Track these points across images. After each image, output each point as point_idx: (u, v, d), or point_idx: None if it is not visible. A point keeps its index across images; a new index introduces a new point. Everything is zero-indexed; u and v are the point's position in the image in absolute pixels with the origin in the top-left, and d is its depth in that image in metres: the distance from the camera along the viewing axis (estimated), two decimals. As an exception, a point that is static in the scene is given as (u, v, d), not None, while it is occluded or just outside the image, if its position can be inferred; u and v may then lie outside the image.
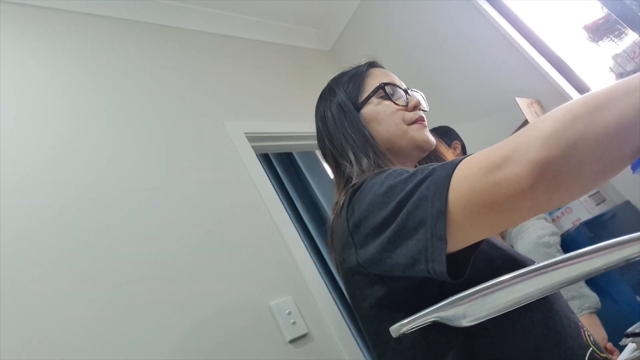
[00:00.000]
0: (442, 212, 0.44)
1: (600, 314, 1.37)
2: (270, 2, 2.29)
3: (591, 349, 0.57)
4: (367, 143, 0.72)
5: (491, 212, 0.42)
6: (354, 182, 0.66)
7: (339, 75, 0.84)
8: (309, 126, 1.02)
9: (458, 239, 0.46)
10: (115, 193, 1.31)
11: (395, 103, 0.75)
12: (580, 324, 0.61)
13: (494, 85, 2.11)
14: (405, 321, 0.36)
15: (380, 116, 0.74)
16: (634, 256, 0.29)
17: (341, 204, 0.64)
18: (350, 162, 0.71)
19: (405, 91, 0.78)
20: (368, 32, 2.58)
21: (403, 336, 0.57)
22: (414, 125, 0.74)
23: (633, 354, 0.66)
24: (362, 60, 0.83)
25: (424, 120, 0.76)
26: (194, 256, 1.32)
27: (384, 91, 0.76)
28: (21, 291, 1.02)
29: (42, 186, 1.20)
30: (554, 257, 1.34)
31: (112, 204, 1.28)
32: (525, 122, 1.75)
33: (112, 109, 1.50)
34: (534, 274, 0.31)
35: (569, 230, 1.62)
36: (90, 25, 1.68)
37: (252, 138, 1.82)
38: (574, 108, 0.39)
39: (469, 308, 0.35)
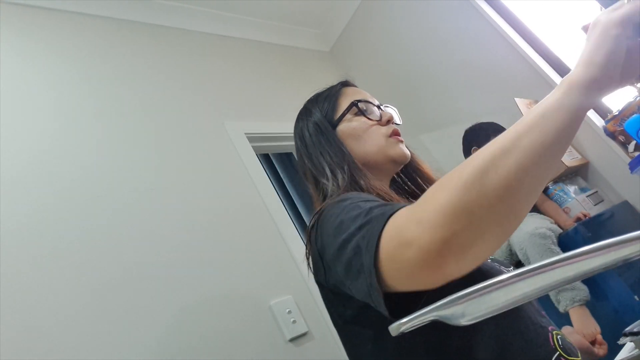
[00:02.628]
0: (372, 268, 0.46)
1: (598, 312, 1.38)
2: (271, 3, 2.30)
3: (558, 353, 0.57)
4: (343, 159, 0.74)
5: (409, 280, 0.44)
6: (328, 200, 0.67)
7: (314, 96, 0.86)
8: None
9: (393, 289, 0.47)
10: (115, 193, 1.31)
11: (368, 118, 0.77)
12: (550, 327, 0.62)
13: (493, 85, 2.11)
14: (404, 320, 0.37)
15: (357, 132, 0.76)
16: (632, 256, 0.30)
17: (310, 225, 0.66)
18: (327, 179, 0.73)
19: (378, 107, 0.81)
20: (368, 33, 2.58)
21: (378, 352, 0.60)
22: (390, 140, 0.76)
23: (631, 353, 0.66)
24: (336, 81, 0.86)
25: (399, 134, 0.78)
26: (194, 256, 1.33)
27: (357, 108, 0.78)
28: (17, 289, 1.02)
29: (41, 187, 1.20)
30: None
31: (112, 204, 1.28)
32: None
33: (112, 110, 1.51)
34: (532, 273, 0.32)
35: (567, 230, 1.63)
36: (88, 25, 1.69)
37: (252, 138, 1.83)
38: (465, 173, 0.41)
39: (468, 307, 0.35)
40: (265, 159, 2.80)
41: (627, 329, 0.65)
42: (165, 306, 1.19)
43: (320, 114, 0.80)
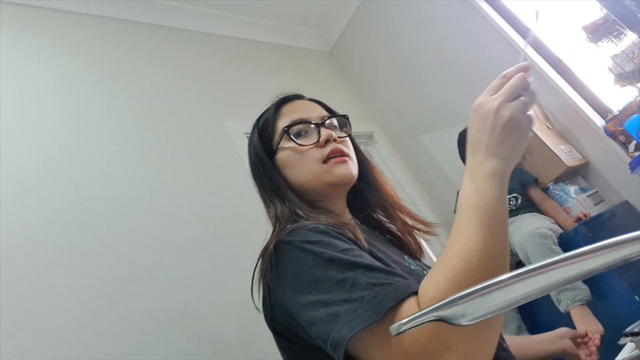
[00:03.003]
0: (344, 345, 0.46)
1: (598, 312, 1.37)
2: (271, 3, 2.30)
3: None
4: (279, 190, 0.71)
5: None
6: (273, 227, 0.68)
7: (258, 117, 0.83)
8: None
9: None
10: (114, 193, 1.31)
11: (299, 145, 0.72)
12: (509, 353, 0.60)
13: (493, 85, 2.11)
14: (404, 320, 0.36)
15: (292, 161, 0.72)
16: (633, 256, 0.30)
17: (265, 252, 0.63)
18: (269, 206, 0.72)
19: (319, 124, 0.74)
20: (368, 33, 2.58)
21: None
22: (325, 165, 0.70)
23: (632, 353, 0.66)
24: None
25: (341, 155, 0.72)
26: (193, 255, 1.32)
27: (289, 135, 0.73)
28: (18, 288, 1.02)
29: (40, 186, 1.20)
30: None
31: (112, 204, 1.28)
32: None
33: (112, 109, 1.51)
34: (533, 273, 0.32)
35: (567, 230, 1.63)
36: (90, 26, 1.69)
37: (252, 138, 1.83)
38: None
39: (468, 307, 0.35)
40: (266, 159, 2.80)
41: (628, 329, 0.65)
42: (166, 306, 1.18)
43: (259, 141, 0.77)
